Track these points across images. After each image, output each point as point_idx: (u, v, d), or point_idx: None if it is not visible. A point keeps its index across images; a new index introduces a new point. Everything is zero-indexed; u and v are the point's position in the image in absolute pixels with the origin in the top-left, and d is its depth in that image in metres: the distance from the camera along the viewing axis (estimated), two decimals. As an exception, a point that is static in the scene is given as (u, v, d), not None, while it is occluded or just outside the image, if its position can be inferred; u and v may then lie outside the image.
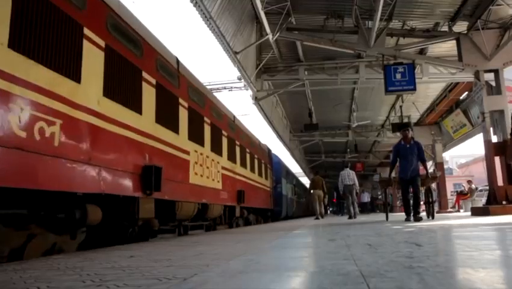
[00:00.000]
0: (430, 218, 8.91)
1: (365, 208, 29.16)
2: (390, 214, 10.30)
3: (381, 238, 3.96)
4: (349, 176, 13.31)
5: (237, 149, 11.00)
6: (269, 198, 15.86)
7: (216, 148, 8.97)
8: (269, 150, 17.26)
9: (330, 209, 34.84)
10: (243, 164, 11.50)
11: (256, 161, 13.50)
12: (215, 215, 9.05)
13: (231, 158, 10.24)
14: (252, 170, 12.63)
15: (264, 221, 15.69)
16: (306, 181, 35.44)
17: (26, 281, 2.01)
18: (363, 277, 1.70)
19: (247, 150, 12.30)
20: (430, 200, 9.15)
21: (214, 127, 8.86)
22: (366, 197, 30.54)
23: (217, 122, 9.25)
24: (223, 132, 9.75)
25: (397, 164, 8.53)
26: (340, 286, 1.55)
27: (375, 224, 7.54)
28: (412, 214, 8.10)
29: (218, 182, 8.92)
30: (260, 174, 14.07)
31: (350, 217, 12.78)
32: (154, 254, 3.30)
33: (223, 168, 9.40)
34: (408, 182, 8.21)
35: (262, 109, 15.58)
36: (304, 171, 35.06)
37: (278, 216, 18.76)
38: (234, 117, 11.41)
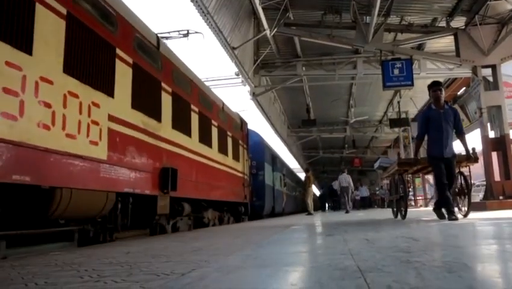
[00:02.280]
0: (462, 214, 6.14)
1: (365, 203, 29.13)
2: (388, 210, 9.48)
3: (379, 234, 3.97)
4: (346, 180, 16.41)
5: (164, 96, 6.35)
6: (242, 188, 11.23)
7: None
8: (242, 121, 12.13)
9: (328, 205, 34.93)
10: (179, 127, 6.85)
11: (214, 130, 8.87)
12: (85, 211, 4.59)
13: (141, 105, 5.59)
14: (205, 141, 8.12)
15: (236, 220, 11.34)
16: (301, 175, 35.07)
17: (24, 277, 2.01)
18: (360, 271, 1.70)
19: (193, 107, 7.62)
20: (466, 190, 6.18)
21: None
22: (365, 192, 30.15)
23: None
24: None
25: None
26: (338, 281, 1.55)
27: (398, 225, 5.08)
28: (446, 210, 5.76)
29: (94, 143, 4.51)
30: (223, 152, 9.47)
31: (347, 212, 15.09)
32: (152, 250, 3.30)
33: (112, 118, 4.86)
34: (442, 160, 5.83)
35: (260, 105, 15.58)
36: (302, 167, 35.17)
37: (259, 212, 14.79)
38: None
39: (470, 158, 6.06)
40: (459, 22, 11.87)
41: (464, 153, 6.14)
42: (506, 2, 10.60)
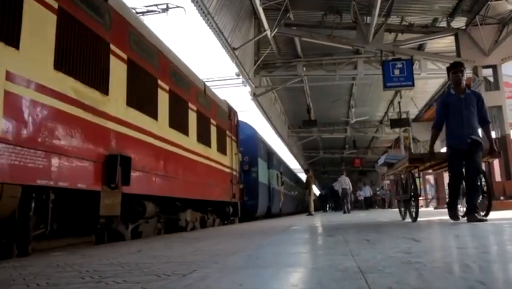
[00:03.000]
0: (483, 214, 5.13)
1: (366, 203, 28.95)
2: (388, 210, 9.54)
3: (379, 235, 3.97)
4: (345, 182, 17.32)
5: (114, 63, 4.96)
6: (229, 186, 9.58)
7: None
8: (231, 110, 10.34)
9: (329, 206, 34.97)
10: (138, 105, 5.41)
11: (191, 115, 7.34)
12: None
13: (73, 67, 4.27)
14: (179, 127, 6.67)
15: (222, 222, 10.08)
16: (301, 175, 35.00)
17: (26, 278, 2.01)
18: (361, 272, 1.71)
19: (161, 83, 6.18)
20: (485, 187, 5.29)
21: None
22: (368, 192, 29.77)
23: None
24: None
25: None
26: (339, 282, 1.55)
27: (409, 228, 4.55)
28: (466, 210, 5.03)
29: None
30: (204, 142, 7.91)
31: (344, 212, 15.90)
32: (153, 250, 3.31)
33: (13, 78, 3.43)
34: (463, 155, 5.01)
35: (260, 105, 15.60)
36: (302, 167, 35.20)
37: (252, 213, 13.51)
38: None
39: (494, 151, 5.25)
40: (459, 22, 11.87)
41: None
42: (506, 2, 10.60)
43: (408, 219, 6.41)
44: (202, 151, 7.78)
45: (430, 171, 8.00)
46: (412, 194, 6.26)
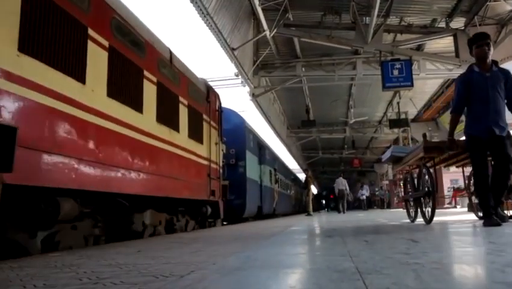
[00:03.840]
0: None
1: (366, 203, 28.80)
2: (388, 210, 9.40)
3: (378, 236, 3.97)
4: (342, 183, 18.29)
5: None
6: (206, 181, 7.88)
7: None
8: (210, 90, 8.71)
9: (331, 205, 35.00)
10: (46, 57, 3.71)
11: (148, 87, 5.74)
12: None
13: None
14: (124, 99, 5.05)
15: (199, 225, 8.33)
16: (300, 174, 34.89)
17: (23, 279, 2.01)
18: (359, 273, 1.70)
19: (93, 34, 4.51)
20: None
21: None
22: (366, 191, 29.46)
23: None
24: None
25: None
26: (337, 283, 1.55)
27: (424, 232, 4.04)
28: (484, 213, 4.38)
29: None
30: (169, 124, 6.32)
31: (339, 212, 16.79)
32: (152, 251, 3.30)
33: None
34: (487, 145, 4.34)
35: (259, 106, 15.59)
36: (301, 167, 35.24)
37: (239, 213, 11.92)
38: None
39: None
40: (458, 23, 11.88)
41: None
42: (505, 3, 10.61)
43: (420, 220, 5.64)
44: (164, 135, 6.04)
45: (445, 164, 6.58)
46: (427, 190, 5.24)
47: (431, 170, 5.39)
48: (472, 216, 5.92)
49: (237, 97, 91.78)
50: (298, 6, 11.50)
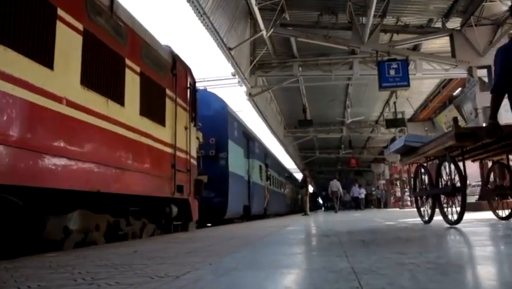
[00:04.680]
0: None
1: (358, 203, 28.36)
2: (385, 210, 9.11)
3: (374, 235, 3.98)
4: (336, 185, 19.61)
5: None
6: (169, 173, 6.19)
7: None
8: (177, 61, 6.78)
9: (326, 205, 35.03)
10: None
11: (68, 36, 3.94)
12: None
13: None
14: (38, 58, 3.49)
15: (161, 229, 6.62)
16: (297, 174, 34.75)
17: (17, 280, 2.00)
18: (355, 274, 1.70)
19: None
20: None
21: None
22: (357, 192, 28.03)
23: None
24: None
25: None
26: (332, 284, 1.55)
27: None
28: None
29: None
30: (107, 93, 4.59)
31: (336, 212, 17.42)
32: (148, 251, 3.29)
33: None
34: None
35: (256, 105, 15.59)
36: (298, 167, 35.26)
37: (219, 214, 10.15)
38: None
39: None
40: (454, 23, 11.93)
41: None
42: (501, 3, 10.65)
43: (440, 222, 4.99)
44: (97, 106, 4.36)
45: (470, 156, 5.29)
46: (453, 186, 4.47)
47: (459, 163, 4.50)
48: (465, 215, 5.86)
49: (233, 97, 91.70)
50: (295, 6, 11.51)
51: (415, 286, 1.47)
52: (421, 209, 5.67)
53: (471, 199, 15.66)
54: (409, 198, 26.10)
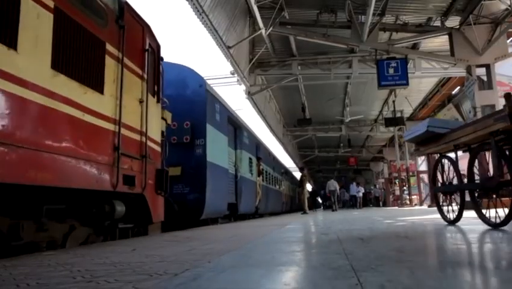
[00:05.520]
0: None
1: (361, 202, 28.01)
2: (383, 209, 8.86)
3: (373, 232, 3.98)
4: (333, 184, 20.08)
5: None
6: (111, 159, 4.47)
7: None
8: (126, 10, 5.07)
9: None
10: None
11: None
12: None
13: None
14: None
15: (107, 235, 5.05)
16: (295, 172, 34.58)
17: (16, 278, 1.99)
18: (354, 271, 1.70)
19: None
20: None
21: None
22: (355, 190, 27.38)
23: None
24: None
25: None
26: (331, 281, 1.55)
27: None
28: None
29: None
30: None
31: (333, 210, 17.95)
32: (146, 249, 3.29)
33: None
34: None
35: (255, 104, 15.60)
36: (297, 166, 35.30)
37: (195, 213, 8.27)
38: None
39: None
40: (453, 22, 11.93)
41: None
42: (500, 2, 10.67)
43: (466, 221, 4.72)
44: None
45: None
46: (499, 180, 3.77)
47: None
48: (464, 213, 5.82)
49: (232, 96, 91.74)
50: (294, 4, 11.51)
51: (414, 283, 1.47)
52: (445, 207, 5.00)
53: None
54: (407, 197, 26.25)
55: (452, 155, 4.79)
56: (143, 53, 5.57)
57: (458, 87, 17.19)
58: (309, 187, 27.32)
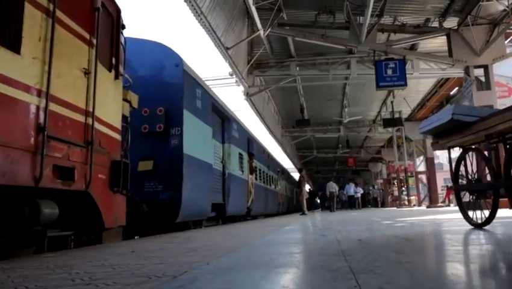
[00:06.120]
0: None
1: (360, 202, 27.55)
2: (382, 209, 8.90)
3: (371, 234, 3.98)
4: (332, 186, 20.65)
5: None
6: (29, 143, 3.21)
7: None
8: None
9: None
10: None
11: None
12: None
13: None
14: None
15: (33, 245, 3.75)
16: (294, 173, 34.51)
17: (14, 280, 1.99)
18: (353, 273, 1.71)
19: None
20: None
21: None
22: (352, 190, 26.76)
23: None
24: None
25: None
26: (330, 283, 1.55)
27: None
28: None
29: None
30: None
31: (331, 211, 18.40)
32: (145, 251, 3.29)
33: None
34: None
35: (254, 105, 15.61)
36: (295, 167, 35.31)
37: (170, 214, 6.88)
38: None
39: None
40: (451, 23, 11.96)
41: None
42: (497, 3, 10.70)
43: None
44: None
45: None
46: None
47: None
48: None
49: (231, 97, 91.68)
50: (292, 5, 11.51)
51: (413, 285, 1.47)
52: (468, 207, 4.42)
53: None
54: (406, 198, 26.28)
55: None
56: (92, 13, 4.36)
57: (456, 88, 17.23)
58: (307, 188, 27.30)
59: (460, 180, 4.45)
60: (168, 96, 7.12)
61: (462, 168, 4.36)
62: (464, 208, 4.45)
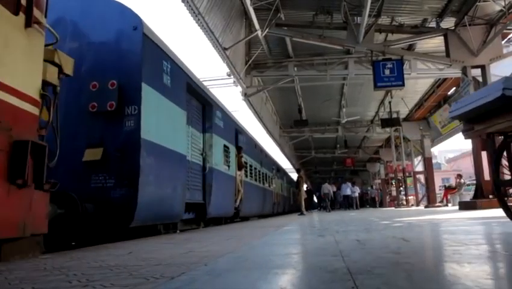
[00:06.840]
0: None
1: (349, 203, 26.98)
2: (380, 209, 8.90)
3: (369, 234, 3.99)
4: (327, 188, 22.17)
5: None
6: None
7: None
8: None
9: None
10: None
11: None
12: None
13: None
14: None
15: None
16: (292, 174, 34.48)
17: (11, 282, 1.98)
18: (350, 274, 1.71)
19: None
20: None
21: None
22: (349, 190, 26.03)
23: None
24: None
25: None
26: (327, 284, 1.55)
27: None
28: None
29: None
30: None
31: (328, 211, 19.06)
32: (143, 252, 3.28)
33: None
34: None
35: (252, 106, 15.61)
36: (294, 167, 35.29)
37: (123, 216, 5.06)
38: None
39: None
40: (449, 23, 12.00)
41: None
42: (494, 3, 10.73)
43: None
44: None
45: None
46: None
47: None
48: (460, 214, 5.89)
49: (229, 97, 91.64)
50: (290, 5, 11.53)
51: (410, 286, 1.47)
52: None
53: (466, 198, 15.64)
54: (404, 198, 26.30)
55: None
56: None
57: (454, 88, 17.28)
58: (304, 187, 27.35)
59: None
60: (123, 66, 5.56)
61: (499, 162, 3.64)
62: (507, 205, 3.69)
